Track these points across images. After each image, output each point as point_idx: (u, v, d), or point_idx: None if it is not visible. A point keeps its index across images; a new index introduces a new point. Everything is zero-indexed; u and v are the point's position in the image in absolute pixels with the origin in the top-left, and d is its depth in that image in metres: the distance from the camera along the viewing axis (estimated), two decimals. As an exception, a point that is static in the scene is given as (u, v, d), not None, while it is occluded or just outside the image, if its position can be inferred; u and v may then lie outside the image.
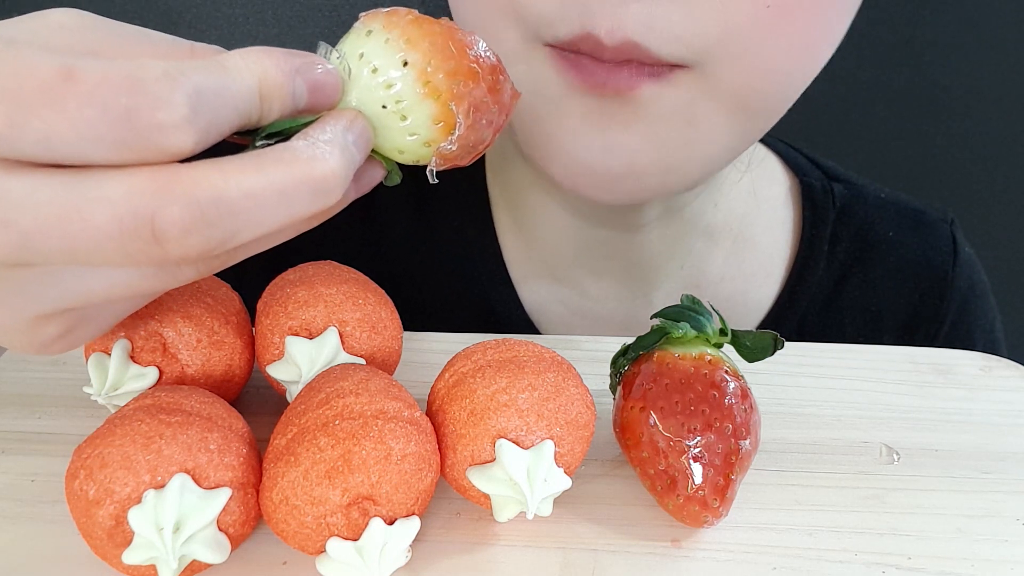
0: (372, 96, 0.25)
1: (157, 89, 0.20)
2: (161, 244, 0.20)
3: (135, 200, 0.20)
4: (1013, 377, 0.37)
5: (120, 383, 0.29)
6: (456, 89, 0.25)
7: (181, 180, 0.20)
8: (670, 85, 0.34)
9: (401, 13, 0.25)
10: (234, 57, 0.22)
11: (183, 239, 0.20)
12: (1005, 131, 0.86)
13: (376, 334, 0.31)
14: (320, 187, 0.22)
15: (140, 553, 0.24)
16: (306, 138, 0.23)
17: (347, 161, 0.23)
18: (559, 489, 0.27)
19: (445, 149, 0.25)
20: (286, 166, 0.22)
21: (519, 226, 0.50)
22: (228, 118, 0.22)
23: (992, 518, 0.30)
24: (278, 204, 0.21)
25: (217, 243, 0.21)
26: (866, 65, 0.82)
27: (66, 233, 0.20)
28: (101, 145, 0.20)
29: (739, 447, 0.27)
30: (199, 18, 0.77)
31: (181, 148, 0.20)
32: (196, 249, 0.21)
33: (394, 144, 0.26)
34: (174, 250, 0.21)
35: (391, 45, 0.24)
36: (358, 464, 0.24)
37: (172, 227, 0.20)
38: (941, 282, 0.52)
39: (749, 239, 0.51)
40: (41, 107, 0.19)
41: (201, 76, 0.21)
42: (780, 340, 0.29)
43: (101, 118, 0.20)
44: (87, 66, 0.20)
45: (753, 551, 0.28)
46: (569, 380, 0.28)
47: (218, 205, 0.20)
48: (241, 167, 0.21)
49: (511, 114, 0.27)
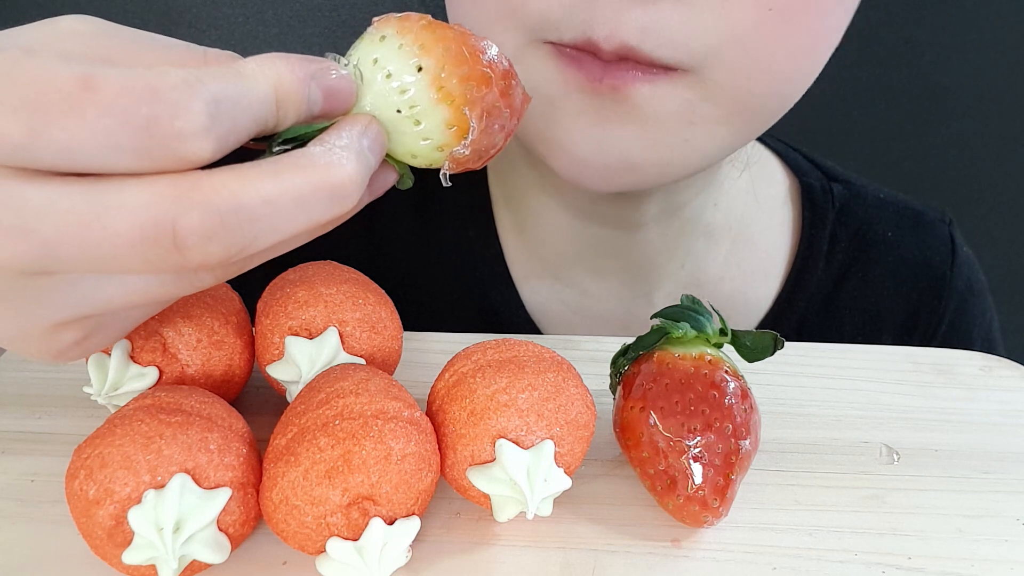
0: (386, 101, 0.25)
1: (176, 97, 0.20)
2: (181, 251, 0.20)
3: (155, 208, 0.20)
4: (1013, 377, 0.37)
5: (120, 383, 0.29)
6: (469, 94, 0.25)
7: (201, 188, 0.20)
8: (667, 87, 0.34)
9: (414, 18, 0.25)
10: (250, 64, 0.22)
11: (203, 246, 0.20)
12: (1005, 131, 0.86)
13: (376, 334, 0.31)
14: (337, 193, 0.22)
15: (140, 553, 0.24)
16: (322, 144, 0.23)
17: (363, 166, 0.23)
18: (559, 489, 0.27)
19: (458, 153, 0.26)
20: (303, 172, 0.22)
21: (520, 226, 0.50)
22: (246, 125, 0.22)
23: (992, 518, 0.30)
24: (296, 210, 0.22)
25: (237, 250, 0.21)
26: (866, 65, 0.82)
27: (87, 241, 0.20)
28: (121, 153, 0.20)
29: (739, 447, 0.27)
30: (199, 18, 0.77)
31: (200, 156, 0.20)
32: (216, 256, 0.21)
33: (407, 148, 0.26)
34: (194, 257, 0.21)
35: (405, 50, 0.24)
36: (358, 464, 0.24)
37: (192, 234, 0.20)
38: (939, 282, 0.53)
39: (748, 239, 0.51)
40: (61, 116, 0.20)
41: (219, 84, 0.21)
42: (780, 340, 0.29)
43: (121, 127, 0.20)
44: (106, 75, 0.20)
45: (753, 551, 0.28)
46: (569, 380, 0.28)
47: (238, 212, 0.21)
48: (259, 174, 0.21)
49: (522, 118, 0.27)
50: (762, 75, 0.35)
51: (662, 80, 0.34)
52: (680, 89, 0.34)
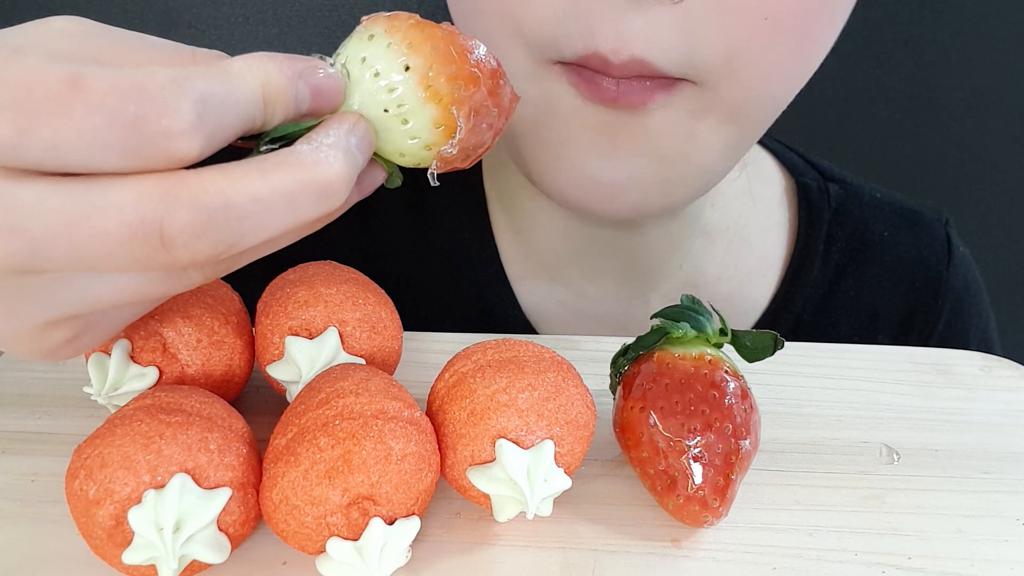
0: (374, 100, 0.25)
1: (164, 96, 0.20)
2: (169, 249, 0.21)
3: (143, 207, 0.20)
4: (1013, 377, 0.37)
5: (120, 383, 0.29)
6: (457, 93, 0.25)
7: (188, 186, 0.20)
8: (677, 97, 0.34)
9: (403, 17, 0.25)
10: (237, 63, 0.22)
11: (191, 244, 0.21)
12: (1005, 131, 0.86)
13: (376, 334, 0.31)
14: (325, 191, 0.22)
15: (140, 553, 0.24)
16: (310, 142, 0.23)
17: (351, 164, 0.23)
18: (559, 489, 0.27)
19: (446, 152, 0.26)
20: (291, 170, 0.22)
21: (516, 227, 0.50)
22: (233, 124, 0.22)
23: (992, 518, 0.30)
24: (284, 208, 0.22)
25: (225, 248, 0.21)
26: (866, 65, 0.82)
27: (75, 240, 0.20)
28: (109, 152, 0.20)
29: (739, 447, 0.27)
30: (199, 18, 0.77)
31: (188, 154, 0.21)
32: (204, 254, 0.21)
33: (395, 147, 0.26)
34: (182, 255, 0.21)
35: (393, 49, 0.25)
36: (358, 464, 0.24)
37: (180, 232, 0.20)
38: (936, 282, 0.53)
39: (745, 239, 0.51)
40: (49, 115, 0.20)
41: (206, 82, 0.21)
42: (780, 340, 0.29)
43: (109, 126, 0.20)
44: (94, 74, 0.20)
45: (753, 551, 0.28)
46: (569, 380, 0.28)
47: (225, 210, 0.21)
48: (247, 172, 0.21)
49: (510, 117, 0.27)
50: (760, 82, 0.35)
51: (675, 90, 0.34)
52: (683, 101, 0.34)
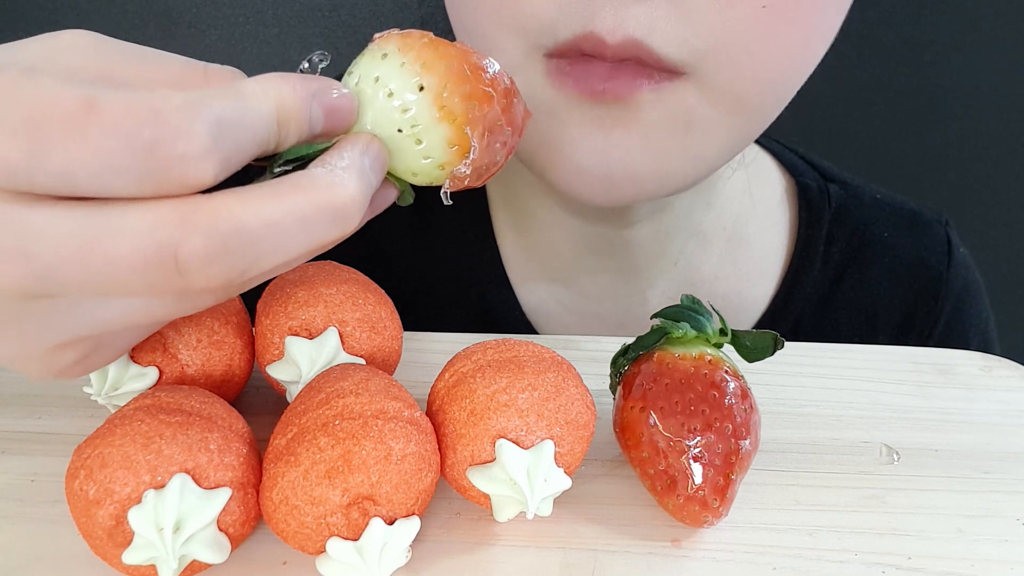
0: (387, 119, 0.25)
1: (178, 120, 0.20)
2: (184, 275, 0.20)
3: (158, 232, 0.20)
4: (1013, 377, 0.37)
5: (120, 383, 0.29)
6: (471, 113, 0.24)
7: (203, 211, 0.20)
8: (669, 92, 0.34)
9: (416, 35, 0.25)
10: (251, 84, 0.22)
11: (206, 269, 0.20)
12: (1004, 131, 0.86)
13: (376, 334, 0.31)
14: (339, 214, 0.22)
15: (140, 553, 0.24)
16: (324, 165, 0.23)
17: (365, 186, 0.23)
18: (559, 489, 0.27)
19: (459, 172, 0.25)
20: (305, 194, 0.22)
21: (518, 227, 0.50)
22: (247, 147, 0.22)
23: (992, 518, 0.30)
24: (299, 232, 0.22)
25: (239, 272, 0.21)
26: (866, 65, 0.82)
27: (88, 265, 0.20)
28: (123, 177, 0.20)
29: (739, 447, 0.27)
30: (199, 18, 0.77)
31: (203, 179, 0.20)
32: (218, 279, 0.21)
33: (408, 167, 0.26)
34: (197, 280, 0.21)
35: (407, 69, 0.24)
36: (358, 464, 0.24)
37: (195, 258, 0.20)
38: (936, 282, 0.53)
39: (744, 239, 0.51)
40: (63, 139, 0.19)
41: (220, 105, 0.21)
42: (780, 340, 0.29)
43: (123, 150, 0.20)
44: (108, 97, 0.20)
45: (753, 551, 0.28)
46: (569, 380, 0.28)
47: (240, 235, 0.21)
48: (261, 197, 0.21)
49: (523, 135, 0.27)
50: (758, 73, 0.35)
51: (665, 84, 0.34)
52: (680, 93, 0.34)
